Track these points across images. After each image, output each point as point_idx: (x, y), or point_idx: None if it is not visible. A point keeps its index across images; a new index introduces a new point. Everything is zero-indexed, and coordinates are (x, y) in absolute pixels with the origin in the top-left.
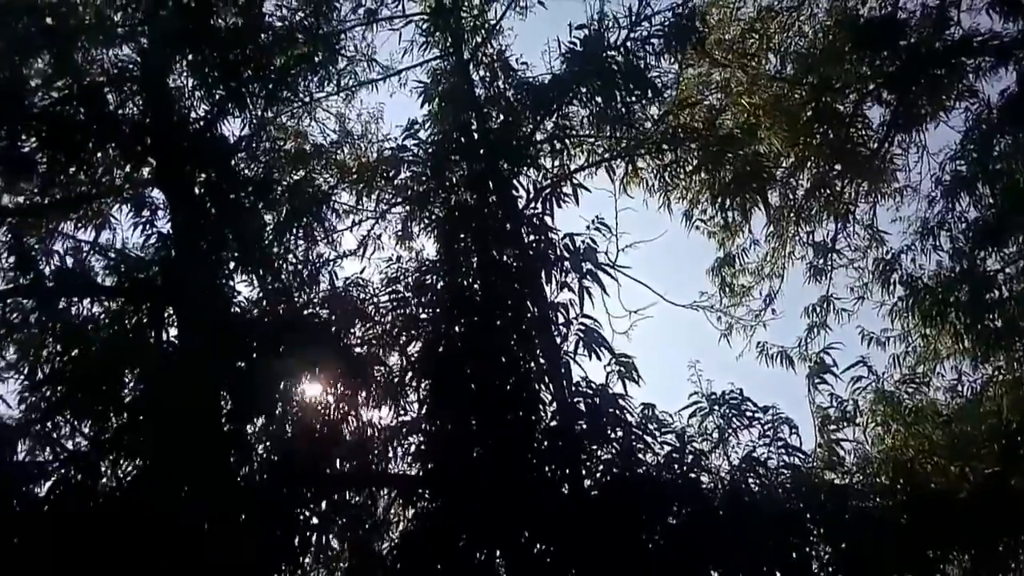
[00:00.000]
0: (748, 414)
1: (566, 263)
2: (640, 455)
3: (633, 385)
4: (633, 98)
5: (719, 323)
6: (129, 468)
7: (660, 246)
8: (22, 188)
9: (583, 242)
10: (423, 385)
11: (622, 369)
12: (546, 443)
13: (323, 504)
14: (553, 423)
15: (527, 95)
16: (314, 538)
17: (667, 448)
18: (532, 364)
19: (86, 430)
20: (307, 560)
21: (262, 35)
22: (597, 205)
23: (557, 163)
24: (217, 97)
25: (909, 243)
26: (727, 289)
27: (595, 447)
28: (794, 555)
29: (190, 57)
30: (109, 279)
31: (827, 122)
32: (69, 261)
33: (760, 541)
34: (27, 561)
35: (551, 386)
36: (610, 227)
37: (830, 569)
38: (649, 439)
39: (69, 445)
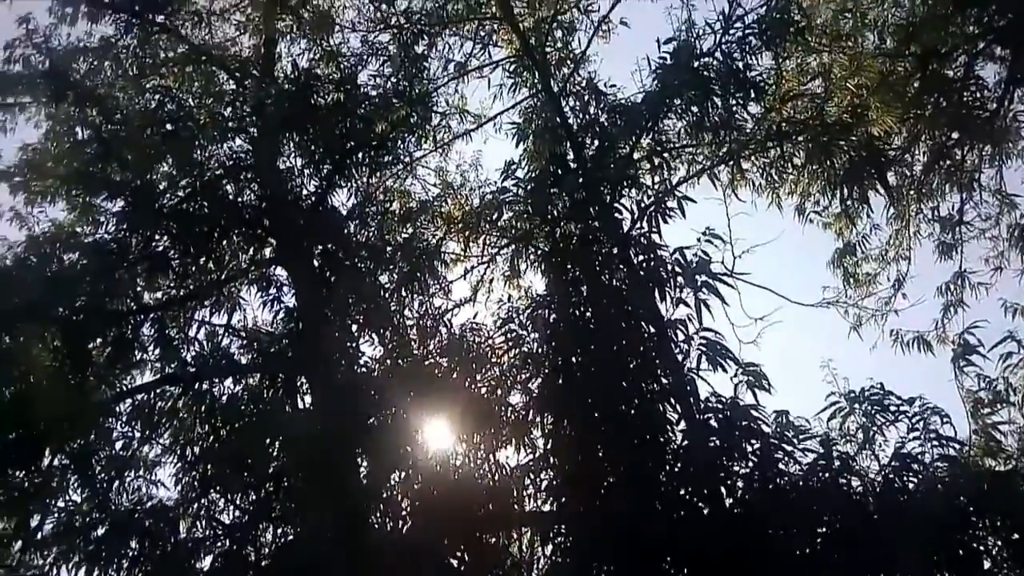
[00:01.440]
0: (892, 408)
1: (679, 279)
2: (781, 466)
3: (764, 394)
4: (733, 101)
5: (847, 316)
6: (279, 535)
7: (775, 245)
8: (160, 284)
9: (694, 255)
10: (547, 420)
11: (751, 379)
12: (679, 465)
13: (463, 549)
14: (684, 443)
15: (621, 117)
16: None
17: (810, 456)
18: (655, 386)
19: (238, 503)
20: None
21: (361, 107)
22: (705, 214)
23: (658, 179)
24: (325, 172)
25: None
26: (851, 280)
27: (731, 463)
28: (961, 552)
29: (297, 138)
30: (245, 357)
31: (938, 90)
32: (208, 346)
33: (922, 542)
34: None
35: (678, 406)
36: (721, 236)
37: (1004, 564)
38: (788, 448)
39: (224, 519)
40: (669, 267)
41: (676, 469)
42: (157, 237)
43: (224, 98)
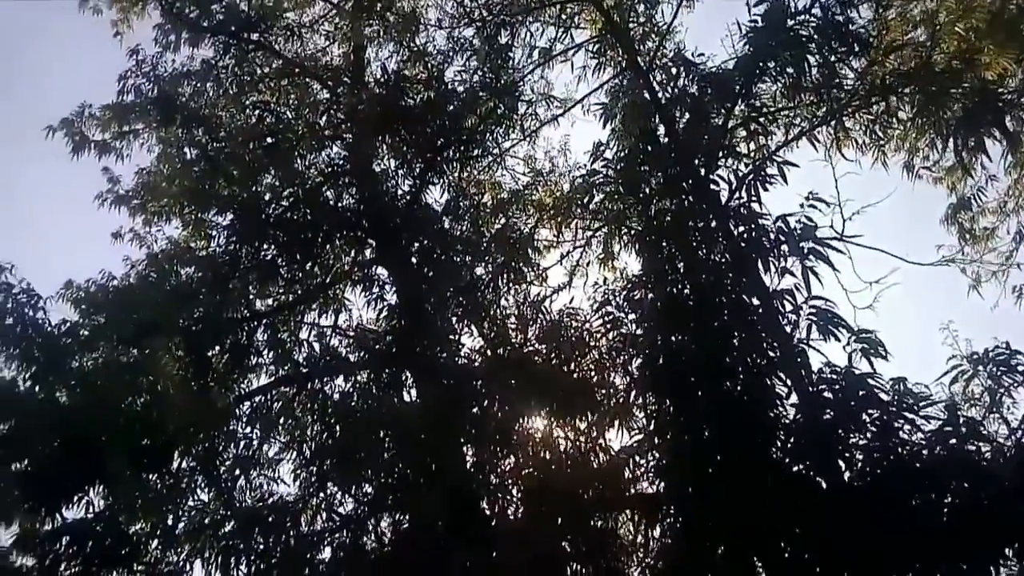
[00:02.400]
0: (1021, 368)
1: (783, 247)
2: (902, 435)
3: (881, 361)
4: (833, 57)
5: (966, 275)
6: (395, 524)
7: (884, 205)
8: (270, 291)
9: (798, 222)
10: (650, 401)
11: (865, 346)
12: (791, 440)
13: (572, 533)
14: (797, 417)
15: (712, 86)
16: (565, 563)
17: (933, 423)
18: (762, 360)
19: (354, 495)
20: None
21: (449, 103)
22: (807, 179)
23: (754, 147)
24: (418, 170)
25: None
26: (968, 236)
27: (848, 434)
28: None
29: (389, 140)
30: (353, 356)
31: None
32: (317, 347)
33: None
34: None
35: (788, 379)
36: (825, 200)
37: None
38: (909, 416)
39: (342, 511)
40: (772, 236)
41: (789, 444)
42: (265, 246)
43: (319, 108)
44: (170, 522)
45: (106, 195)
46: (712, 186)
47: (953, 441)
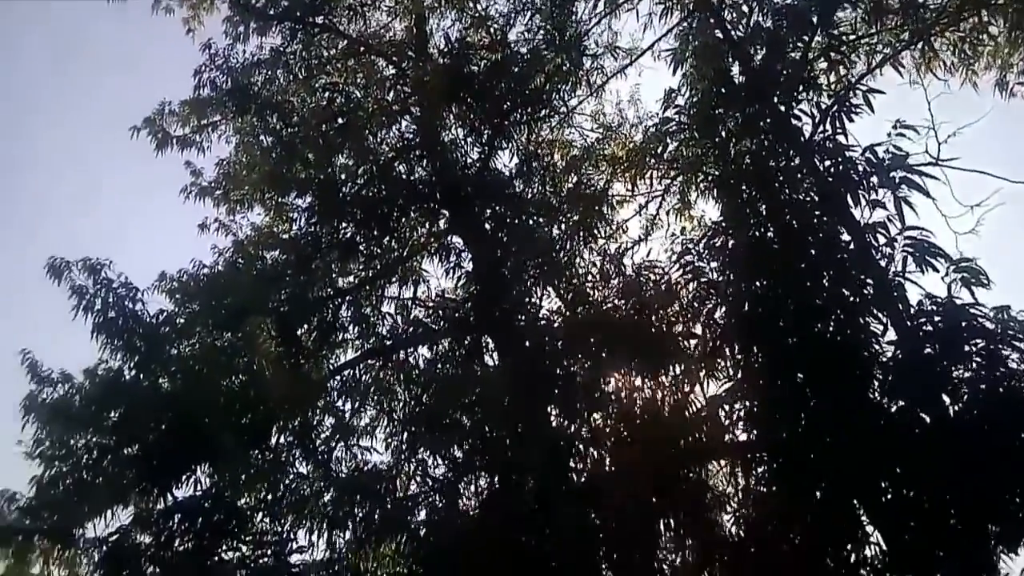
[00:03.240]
0: None
1: (873, 179)
2: (1009, 364)
3: (983, 290)
4: None
5: None
6: (486, 485)
7: (979, 127)
8: (351, 268)
9: (887, 151)
10: (737, 349)
11: (966, 276)
12: (890, 377)
13: (663, 486)
14: (896, 353)
15: (788, 18)
16: (658, 516)
17: None
18: (855, 297)
19: (444, 459)
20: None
21: (514, 65)
22: (893, 107)
23: (836, 78)
24: (486, 136)
25: None
26: None
27: (951, 367)
28: None
29: (457, 109)
30: (434, 325)
31: None
32: (399, 319)
33: None
34: None
35: (884, 315)
36: (914, 127)
37: None
38: (1016, 343)
39: (434, 475)
40: (860, 168)
41: (887, 382)
42: (343, 225)
43: (386, 84)
44: (273, 495)
45: (190, 188)
46: (793, 122)
47: None
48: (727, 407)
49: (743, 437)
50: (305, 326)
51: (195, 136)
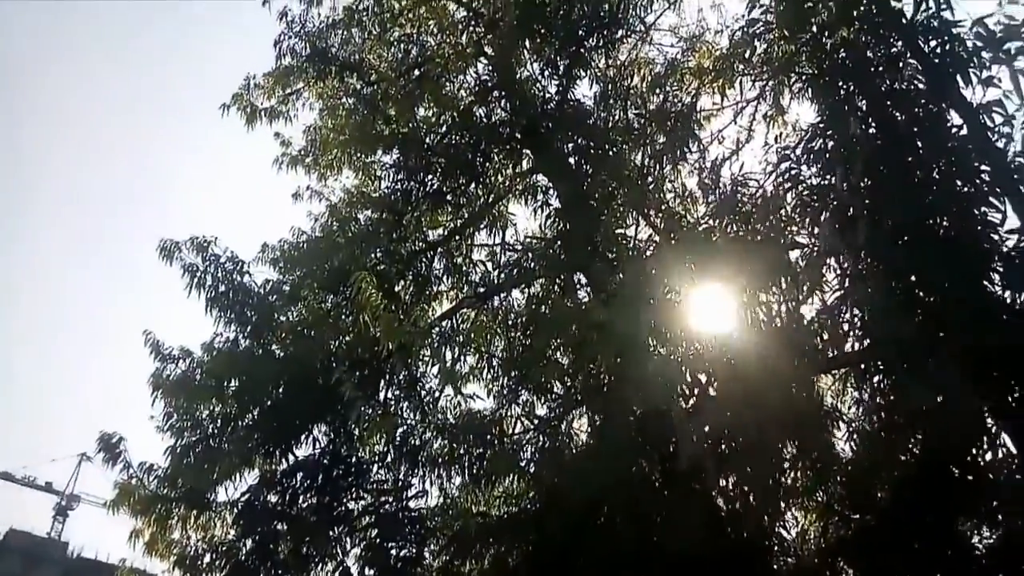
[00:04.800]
0: None
1: (984, 55)
2: None
3: None
4: None
5: None
6: (589, 423)
7: None
8: (440, 220)
9: (997, 23)
10: (843, 258)
11: None
12: (1013, 267)
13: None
14: (1021, 241)
15: None
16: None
17: None
18: (970, 187)
19: (547, 399)
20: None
21: None
22: None
23: None
24: (563, 68)
25: None
26: None
27: None
28: None
29: (530, 44)
30: (526, 267)
31: None
32: (490, 265)
33: None
34: None
35: (1007, 200)
36: None
37: None
38: None
39: (539, 414)
40: (970, 45)
41: (1011, 273)
42: (429, 176)
43: (458, 27)
44: (387, 446)
45: (281, 159)
46: (893, 3)
47: None
48: (835, 319)
49: (856, 347)
50: (402, 281)
51: (281, 107)
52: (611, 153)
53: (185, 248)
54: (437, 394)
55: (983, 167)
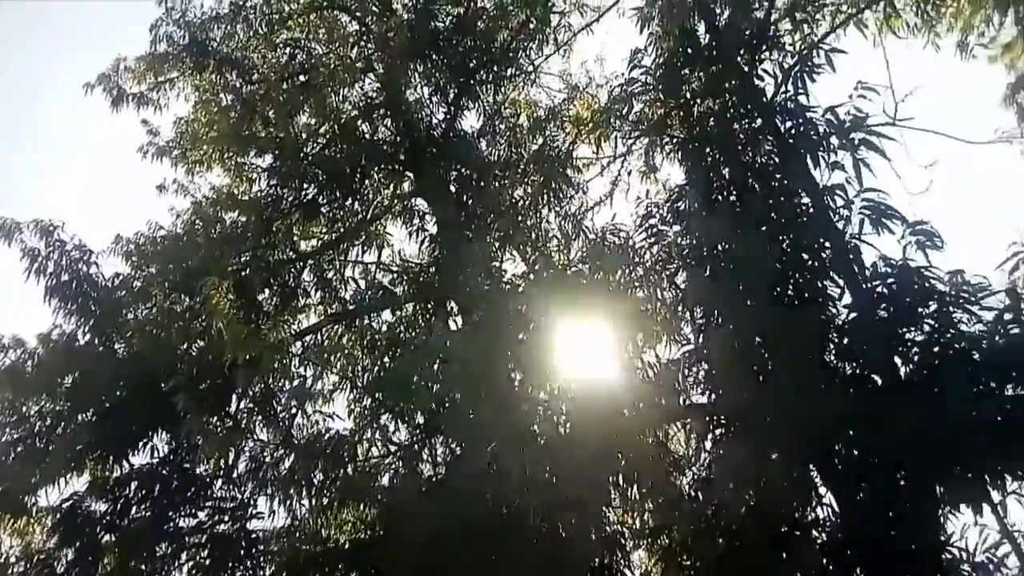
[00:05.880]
0: None
1: (833, 140)
2: (961, 327)
3: (938, 253)
4: None
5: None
6: (448, 451)
7: (938, 91)
8: (313, 231)
9: (847, 113)
10: (698, 312)
11: (920, 238)
12: (845, 340)
13: (621, 449)
14: (850, 316)
15: None
16: (618, 479)
17: (992, 313)
18: (813, 261)
19: (407, 424)
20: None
21: (479, 20)
22: (856, 68)
23: (800, 37)
24: (452, 96)
25: None
26: None
27: (904, 330)
28: None
29: (421, 68)
30: (398, 289)
31: None
32: (362, 283)
33: None
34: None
35: (840, 277)
36: (875, 89)
37: None
38: (968, 307)
39: (396, 439)
40: (821, 129)
41: (842, 344)
42: (305, 186)
43: (349, 40)
44: (233, 462)
45: (147, 147)
46: (757, 82)
47: (1014, 330)
48: (687, 369)
49: (703, 400)
50: (266, 290)
51: (152, 93)
52: (491, 186)
53: (27, 230)
54: (293, 411)
55: (826, 243)
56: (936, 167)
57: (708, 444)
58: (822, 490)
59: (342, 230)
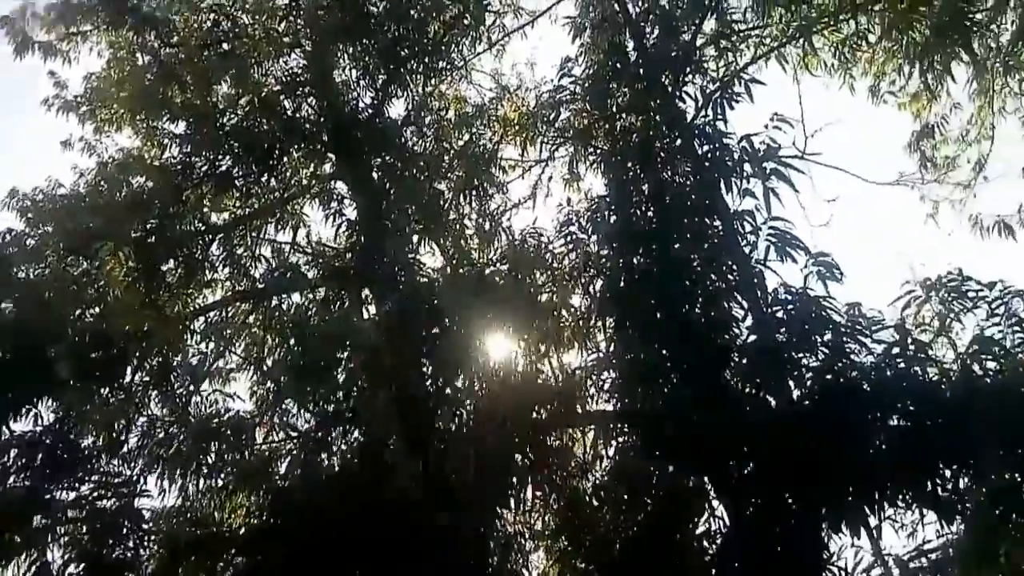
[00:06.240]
0: (971, 294)
1: (746, 168)
2: (853, 357)
3: (837, 285)
4: None
5: (924, 203)
6: (351, 440)
7: (848, 132)
8: (226, 204)
9: (762, 142)
10: (609, 321)
11: (821, 269)
12: (744, 360)
13: (527, 450)
14: (751, 338)
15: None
16: (519, 479)
17: (882, 346)
18: (721, 282)
19: (311, 411)
20: (521, 503)
21: (413, 8)
22: (773, 99)
23: (723, 64)
24: (380, 82)
25: None
26: (929, 164)
27: (800, 356)
28: None
29: (351, 50)
30: (311, 272)
31: None
32: (275, 263)
33: (1004, 427)
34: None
35: (744, 300)
36: (790, 122)
37: None
38: (861, 339)
39: (298, 425)
40: (736, 156)
41: (742, 365)
42: (220, 157)
43: (277, 13)
44: (124, 436)
45: (53, 100)
46: (679, 103)
47: (901, 364)
48: (595, 376)
49: (608, 407)
50: (170, 261)
51: (61, 44)
52: (415, 177)
53: None
54: (191, 388)
55: (733, 266)
56: (839, 202)
57: (610, 451)
58: (716, 503)
59: (256, 206)
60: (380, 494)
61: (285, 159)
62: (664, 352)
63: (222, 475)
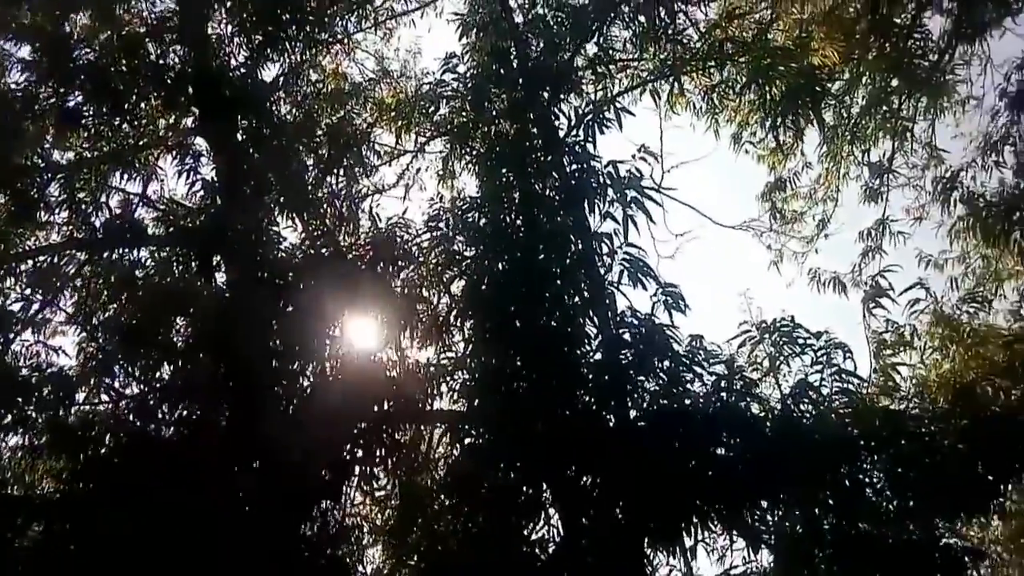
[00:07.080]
0: (800, 341)
1: (609, 192)
2: (688, 385)
3: (680, 316)
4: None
5: (770, 251)
6: (183, 414)
7: (708, 173)
8: (71, 142)
9: (627, 170)
10: (467, 322)
11: (668, 299)
12: (591, 376)
13: (371, 440)
14: (598, 355)
15: (568, 17)
16: (359, 470)
17: (715, 378)
18: (576, 298)
19: (142, 377)
20: (356, 495)
21: None
22: (642, 132)
23: (599, 88)
24: (256, 43)
25: (970, 160)
26: (778, 215)
27: (641, 378)
28: (847, 481)
29: (228, 4)
30: (158, 229)
31: (884, 35)
32: (119, 213)
33: (812, 467)
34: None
35: (596, 318)
36: (655, 154)
37: (885, 495)
38: (697, 369)
39: (127, 392)
40: (601, 179)
41: (588, 380)
42: (69, 92)
43: None
44: None
45: None
46: (554, 119)
47: (730, 397)
48: (448, 375)
49: (458, 407)
50: (1, 195)
51: None
52: (282, 147)
53: None
54: (10, 336)
55: (588, 284)
56: (691, 238)
57: (455, 451)
58: (552, 511)
59: (105, 150)
60: (203, 474)
61: (143, 105)
62: (517, 360)
63: (37, 434)
